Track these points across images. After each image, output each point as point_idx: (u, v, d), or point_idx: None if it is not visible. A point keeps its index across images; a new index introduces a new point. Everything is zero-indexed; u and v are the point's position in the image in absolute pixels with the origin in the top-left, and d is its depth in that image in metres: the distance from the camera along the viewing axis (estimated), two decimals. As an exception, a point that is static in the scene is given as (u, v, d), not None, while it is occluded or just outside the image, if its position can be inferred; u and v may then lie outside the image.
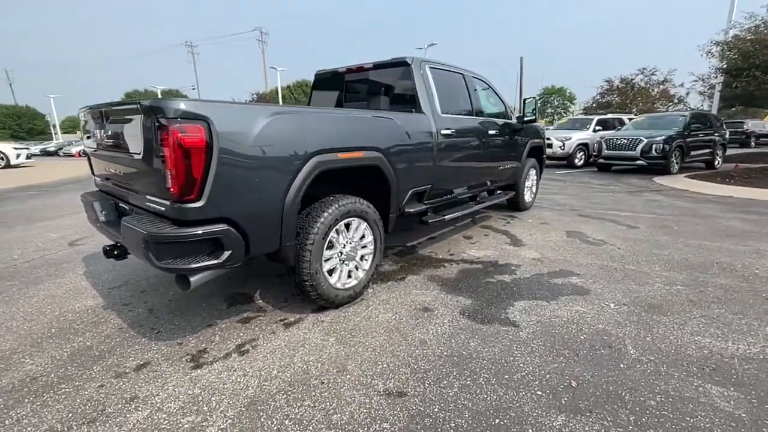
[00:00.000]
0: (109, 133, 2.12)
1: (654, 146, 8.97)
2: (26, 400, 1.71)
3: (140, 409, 1.65)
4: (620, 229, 4.41)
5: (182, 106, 1.66)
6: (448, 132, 3.35)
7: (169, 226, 1.78)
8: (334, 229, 2.39)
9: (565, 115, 48.11)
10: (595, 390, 1.73)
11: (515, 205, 5.27)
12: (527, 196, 5.39)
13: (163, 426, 1.55)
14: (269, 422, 1.57)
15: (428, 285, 2.93)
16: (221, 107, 1.80)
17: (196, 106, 1.69)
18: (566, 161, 11.35)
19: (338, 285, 2.51)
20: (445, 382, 1.80)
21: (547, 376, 1.84)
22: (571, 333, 2.22)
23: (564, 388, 1.74)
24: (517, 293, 2.76)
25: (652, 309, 2.50)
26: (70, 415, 1.62)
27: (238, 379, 1.84)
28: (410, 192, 3.04)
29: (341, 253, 2.50)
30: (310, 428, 1.53)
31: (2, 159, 12.71)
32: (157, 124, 1.66)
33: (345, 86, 3.78)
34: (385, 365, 1.93)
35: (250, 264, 3.36)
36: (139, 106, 1.73)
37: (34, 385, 1.81)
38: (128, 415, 1.61)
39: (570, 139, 11.05)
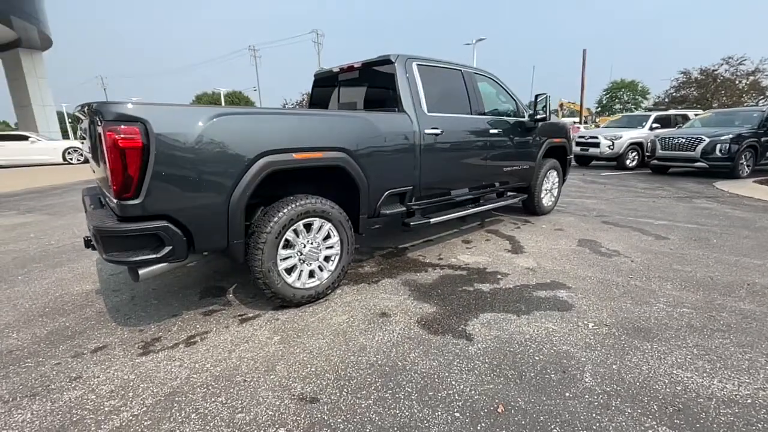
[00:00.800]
0: (80, 134, 2.33)
1: (719, 146, 7.86)
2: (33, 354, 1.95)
3: (77, 388, 1.79)
4: (644, 240, 3.93)
5: (118, 109, 1.77)
6: (436, 132, 3.21)
7: (114, 221, 1.91)
8: (291, 228, 2.41)
9: (636, 111, 43.82)
10: (522, 419, 1.56)
11: (531, 209, 4.92)
12: (546, 200, 5.00)
13: (87, 407, 1.67)
14: (178, 414, 1.62)
15: (399, 290, 2.84)
16: (160, 110, 1.89)
17: (133, 109, 1.80)
18: (616, 162, 10.36)
19: (297, 284, 2.52)
20: (363, 392, 1.74)
21: (476, 397, 1.69)
22: (527, 352, 2.02)
23: (487, 413, 1.59)
24: (488, 304, 2.58)
25: (638, 332, 2.20)
26: (21, 387, 1.81)
27: (172, 369, 1.92)
28: (386, 193, 2.96)
29: (300, 252, 2.51)
30: (211, 424, 1.56)
31: (81, 155, 14.53)
32: (98, 125, 1.79)
33: (339, 86, 3.78)
34: (313, 369, 1.91)
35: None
36: (86, 109, 1.87)
37: (6, 358, 2.05)
38: (64, 393, 1.76)
39: (620, 137, 10.06)
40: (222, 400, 1.70)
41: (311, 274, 2.61)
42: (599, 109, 51.15)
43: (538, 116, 4.16)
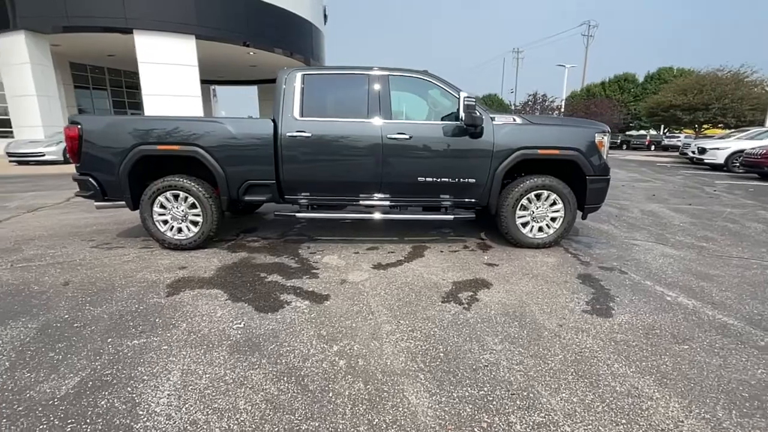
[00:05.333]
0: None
1: None
2: (59, 239, 4.25)
3: (56, 249, 3.77)
4: (563, 306, 2.62)
5: (72, 117, 3.53)
6: (303, 135, 3.52)
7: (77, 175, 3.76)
8: (161, 195, 3.63)
9: None
10: (53, 334, 2.24)
11: (504, 236, 3.90)
12: (528, 230, 3.80)
13: (42, 255, 3.58)
14: (44, 267, 3.25)
15: (229, 259, 3.52)
16: (87, 117, 3.55)
17: (74, 117, 3.52)
18: None
19: (168, 234, 3.73)
20: (73, 286, 2.82)
21: (94, 315, 2.45)
22: (159, 311, 2.46)
23: (67, 323, 2.35)
24: (242, 287, 2.92)
25: (247, 346, 2.12)
26: (51, 244, 3.97)
27: (77, 254, 3.61)
28: (246, 183, 3.63)
29: (170, 213, 3.70)
30: (32, 277, 3.09)
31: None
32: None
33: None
34: (93, 274, 3.12)
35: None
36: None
37: (74, 235, 4.36)
38: (49, 250, 3.76)
39: None
40: (56, 271, 3.22)
41: (180, 230, 3.75)
42: None
43: (464, 122, 3.37)
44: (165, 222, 3.74)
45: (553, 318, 2.47)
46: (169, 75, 13.40)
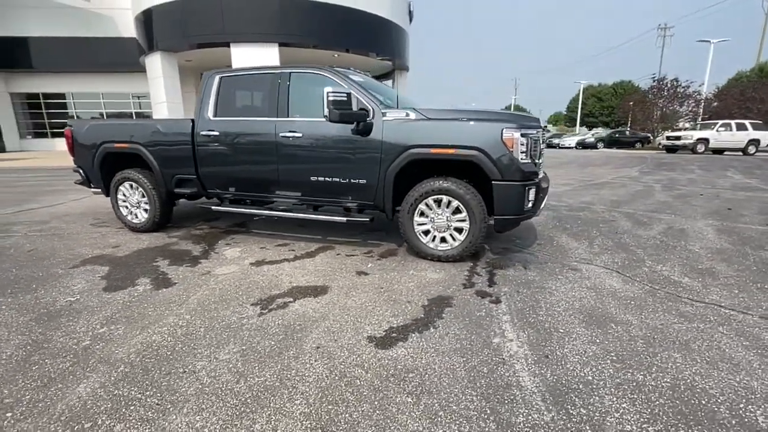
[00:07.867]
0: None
1: None
2: (80, 217, 5.43)
3: (69, 224, 4.87)
4: (368, 327, 2.30)
5: (69, 122, 4.50)
6: (213, 134, 3.78)
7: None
8: (121, 185, 4.36)
9: None
10: (-26, 287, 2.96)
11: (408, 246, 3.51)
12: (429, 239, 3.33)
13: (46, 226, 4.68)
14: (42, 238, 4.27)
15: (157, 243, 4.03)
16: (76, 121, 4.46)
17: (69, 122, 4.47)
18: None
19: (129, 217, 4.47)
20: (21, 257, 3.64)
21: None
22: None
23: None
24: (119, 273, 3.37)
25: None
26: (58, 224, 5.13)
27: (73, 234, 4.60)
28: (175, 177, 4.08)
29: (128, 201, 4.40)
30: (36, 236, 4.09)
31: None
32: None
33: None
34: (51, 247, 3.96)
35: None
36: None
37: (91, 213, 5.53)
38: (65, 223, 4.88)
39: None
40: (41, 240, 4.18)
41: (136, 216, 4.44)
42: None
43: (329, 118, 3.12)
44: (126, 208, 4.49)
45: (326, 339, 2.21)
46: (256, 80, 15.46)
